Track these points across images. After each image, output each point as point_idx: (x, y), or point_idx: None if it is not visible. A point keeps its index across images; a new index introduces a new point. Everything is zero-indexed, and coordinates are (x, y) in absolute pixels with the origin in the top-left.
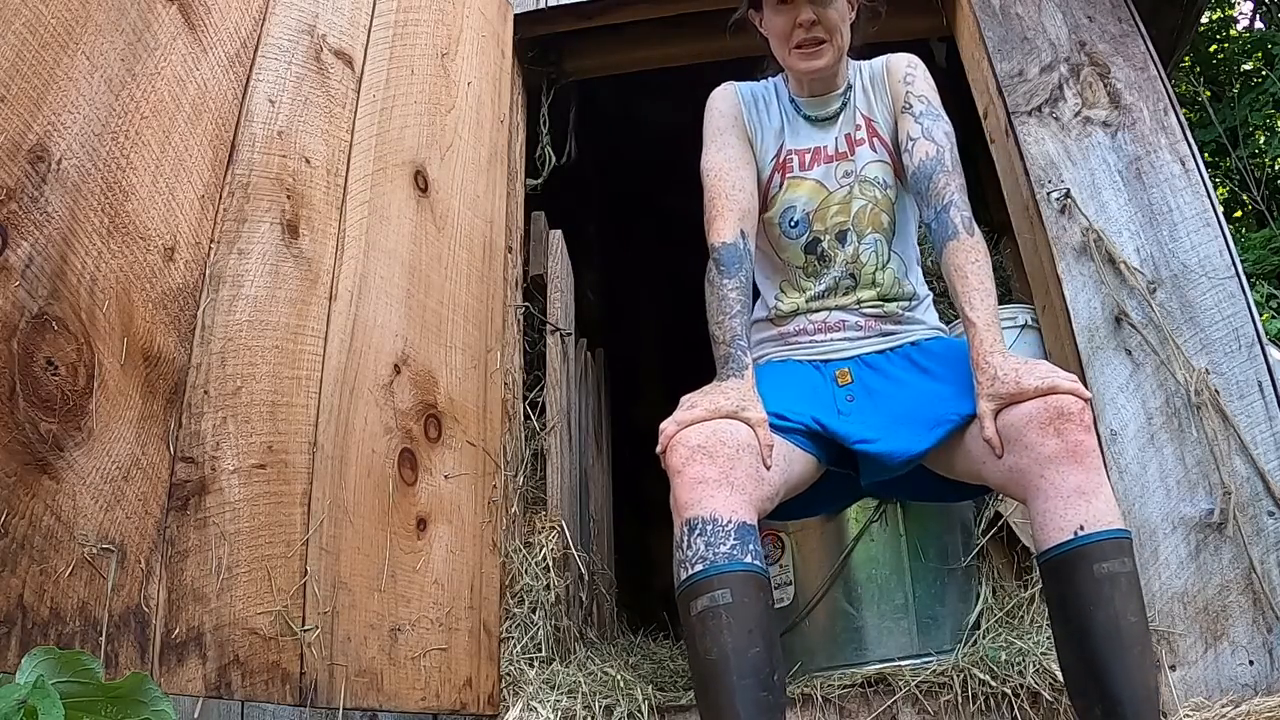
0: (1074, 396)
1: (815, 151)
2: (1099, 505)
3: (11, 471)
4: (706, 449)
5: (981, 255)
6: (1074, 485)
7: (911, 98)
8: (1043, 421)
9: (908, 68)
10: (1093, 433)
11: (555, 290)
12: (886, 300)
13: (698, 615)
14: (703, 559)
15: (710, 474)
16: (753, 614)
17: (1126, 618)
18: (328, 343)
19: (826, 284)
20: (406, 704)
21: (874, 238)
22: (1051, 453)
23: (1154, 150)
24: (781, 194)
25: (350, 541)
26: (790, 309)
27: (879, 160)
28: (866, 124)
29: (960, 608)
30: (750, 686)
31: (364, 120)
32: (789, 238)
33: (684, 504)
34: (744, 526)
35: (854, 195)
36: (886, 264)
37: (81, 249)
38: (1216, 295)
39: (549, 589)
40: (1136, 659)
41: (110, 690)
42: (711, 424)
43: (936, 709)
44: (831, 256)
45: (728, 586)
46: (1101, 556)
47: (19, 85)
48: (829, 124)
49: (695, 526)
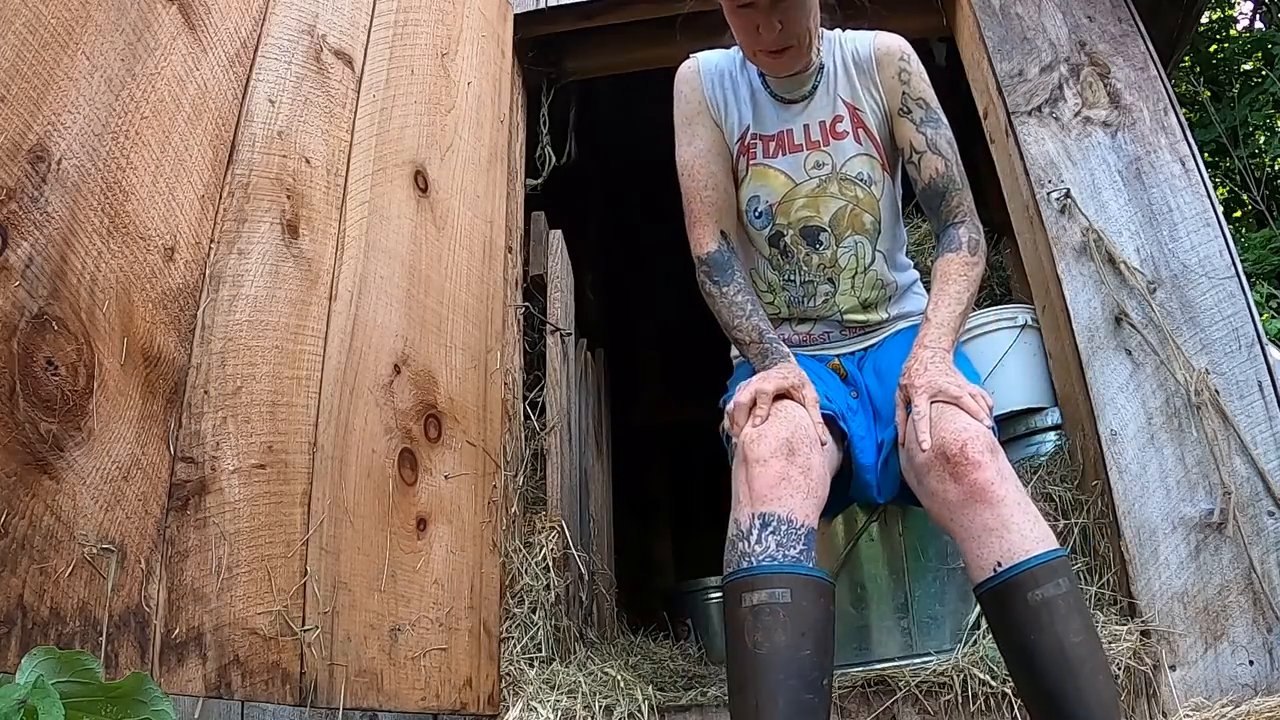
0: (957, 436)
1: (780, 137)
2: (1012, 538)
3: (11, 471)
4: (791, 445)
5: (975, 274)
6: (981, 525)
7: (909, 101)
8: (938, 470)
9: (901, 63)
10: (987, 465)
11: (555, 290)
12: (867, 306)
13: (751, 608)
14: (771, 556)
15: (793, 473)
16: (810, 618)
17: (1069, 639)
18: (328, 343)
19: (803, 290)
20: (406, 704)
21: (854, 240)
22: (954, 498)
23: (1154, 150)
24: (747, 180)
25: (350, 541)
26: (771, 315)
27: (864, 154)
28: (851, 113)
29: (960, 608)
30: (795, 687)
31: (364, 120)
32: (754, 227)
33: (761, 497)
34: (812, 533)
35: (828, 193)
36: (869, 266)
37: (81, 249)
38: (1216, 295)
39: (549, 589)
40: (1087, 678)
41: (110, 690)
42: (793, 420)
43: (936, 709)
44: (795, 253)
45: (789, 587)
46: (1033, 584)
47: (19, 85)
48: (799, 106)
49: (770, 523)
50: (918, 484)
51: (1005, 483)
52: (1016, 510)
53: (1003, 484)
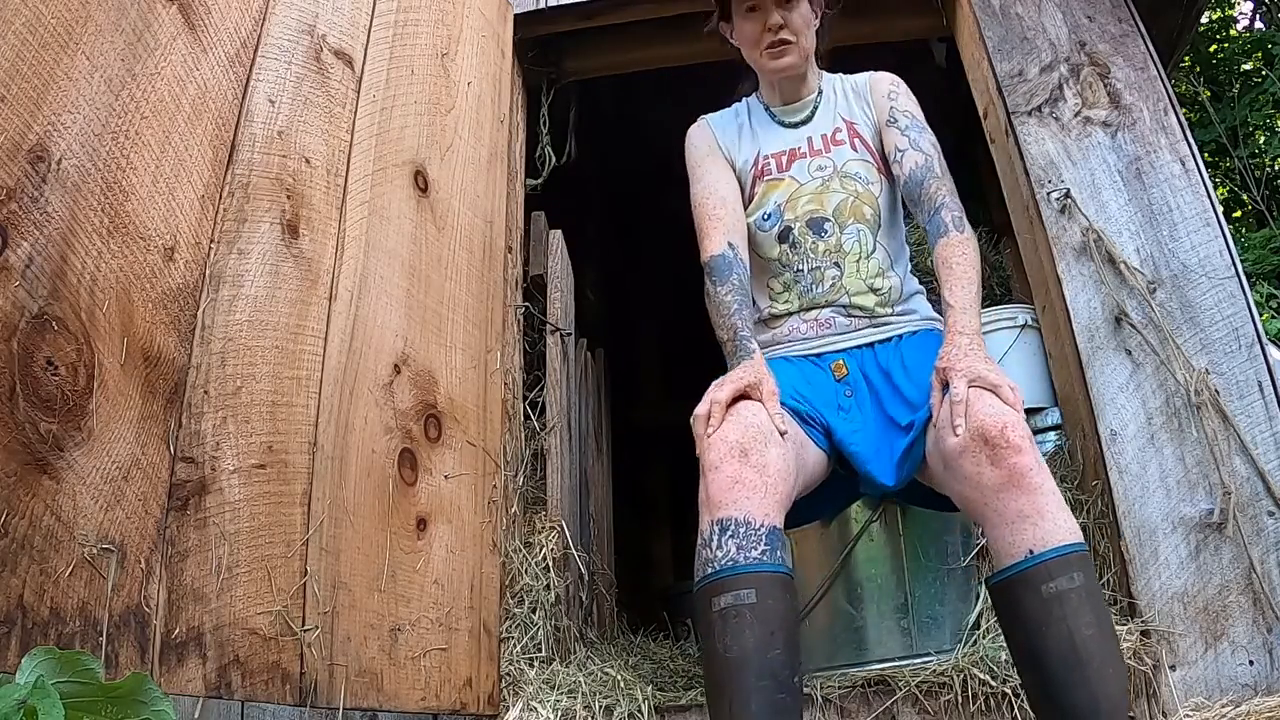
0: (996, 419)
1: (790, 152)
2: (1046, 526)
3: (11, 471)
4: (743, 447)
5: (970, 250)
6: (1017, 510)
7: (896, 112)
8: (974, 452)
9: (891, 85)
10: (1027, 450)
11: (555, 290)
12: (874, 290)
13: (719, 612)
14: (733, 560)
15: (747, 475)
16: (777, 615)
17: (1081, 633)
18: (328, 343)
19: (812, 276)
20: (406, 704)
21: (856, 227)
22: (990, 481)
23: (1154, 150)
24: (760, 196)
25: (350, 541)
26: (783, 310)
27: (860, 159)
28: (848, 126)
29: (960, 608)
30: (768, 688)
31: (364, 120)
32: (763, 231)
33: (717, 502)
34: (774, 531)
35: (830, 189)
36: (871, 253)
37: (81, 249)
38: (1216, 295)
39: (549, 589)
40: (1096, 671)
41: (110, 690)
42: (745, 421)
43: (936, 709)
44: (802, 243)
45: (753, 586)
46: (1048, 576)
47: (19, 85)
48: (802, 127)
49: (728, 527)
50: (945, 468)
51: (1043, 470)
52: (1052, 499)
53: (1040, 471)
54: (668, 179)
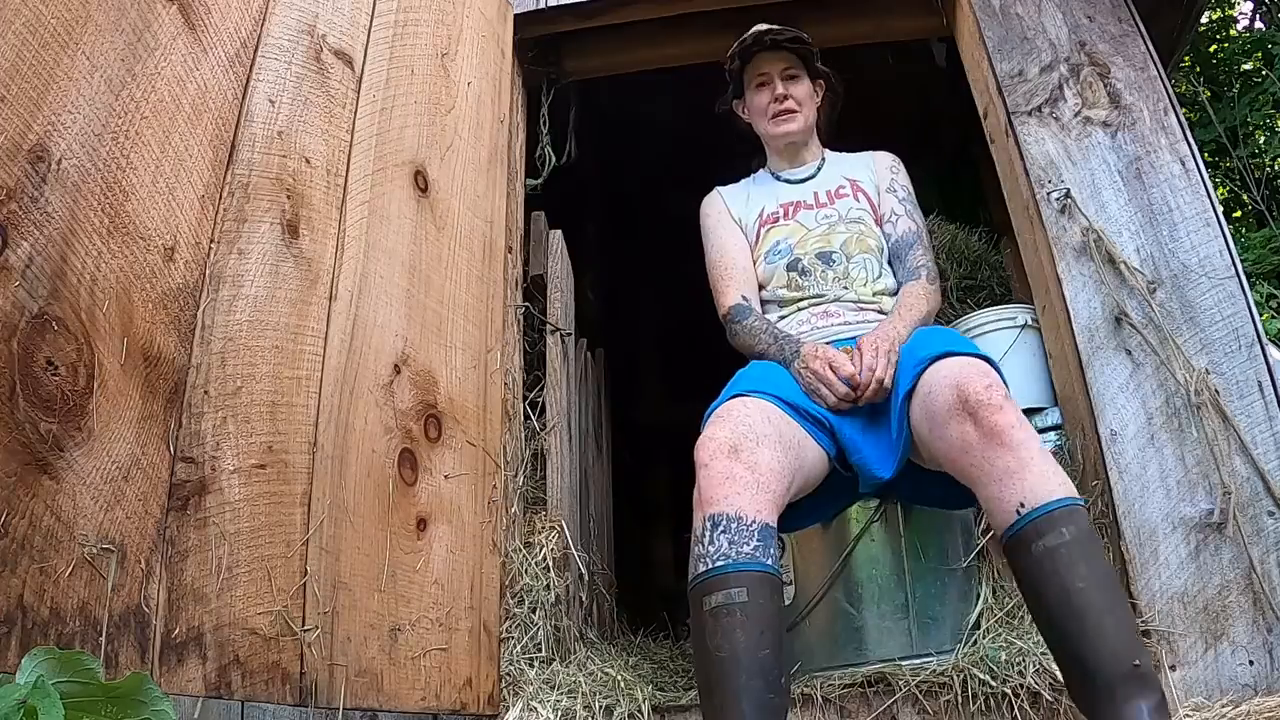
0: (978, 379)
1: (796, 204)
2: (1031, 480)
3: (11, 471)
4: (733, 445)
5: (931, 298)
6: (1004, 467)
7: (896, 184)
8: (958, 413)
9: (892, 160)
10: (1008, 410)
11: (555, 290)
12: (883, 294)
13: (710, 611)
14: (725, 556)
15: (737, 471)
16: (766, 615)
17: (1074, 585)
18: (328, 343)
19: (817, 290)
20: (406, 704)
21: (863, 257)
22: (974, 440)
23: (1154, 150)
24: (766, 237)
25: (350, 541)
26: (789, 311)
27: (861, 208)
28: (850, 183)
29: (960, 608)
30: (758, 688)
31: (364, 120)
32: (770, 263)
33: (709, 499)
34: (767, 528)
35: (836, 230)
36: (879, 276)
37: (81, 249)
38: (1216, 295)
39: (549, 589)
40: (1094, 624)
41: (110, 690)
42: (736, 420)
43: (936, 709)
44: (812, 271)
45: (744, 585)
46: (1036, 535)
47: (19, 85)
48: (807, 183)
49: (719, 523)
50: (930, 432)
51: (1025, 428)
52: (1037, 454)
53: (1023, 428)
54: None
